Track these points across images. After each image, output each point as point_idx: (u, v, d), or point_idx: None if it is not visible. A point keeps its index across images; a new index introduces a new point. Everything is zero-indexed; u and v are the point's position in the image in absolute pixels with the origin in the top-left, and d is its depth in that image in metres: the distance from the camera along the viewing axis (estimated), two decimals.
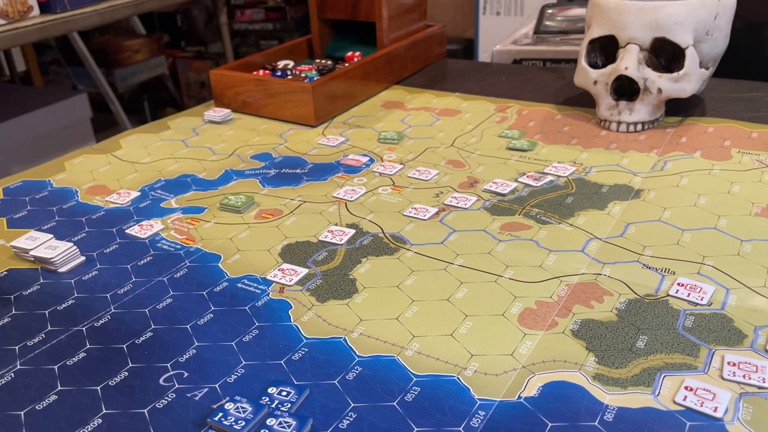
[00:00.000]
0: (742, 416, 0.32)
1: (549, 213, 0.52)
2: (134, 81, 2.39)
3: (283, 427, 0.33)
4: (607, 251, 0.47)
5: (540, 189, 0.56)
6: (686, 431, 0.32)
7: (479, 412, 0.34)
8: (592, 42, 0.67)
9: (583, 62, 0.68)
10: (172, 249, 0.50)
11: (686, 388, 0.34)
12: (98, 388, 0.37)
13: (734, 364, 0.35)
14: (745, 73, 0.79)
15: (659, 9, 0.62)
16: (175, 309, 0.43)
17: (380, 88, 0.80)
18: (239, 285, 0.45)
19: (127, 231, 0.52)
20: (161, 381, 0.37)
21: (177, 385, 0.36)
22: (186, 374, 0.37)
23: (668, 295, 0.41)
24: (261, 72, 0.78)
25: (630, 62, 0.63)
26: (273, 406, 0.34)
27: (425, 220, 0.52)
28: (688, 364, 0.36)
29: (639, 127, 0.65)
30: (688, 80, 0.63)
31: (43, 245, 0.49)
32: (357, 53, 0.81)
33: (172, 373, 0.37)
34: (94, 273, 0.47)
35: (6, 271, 0.48)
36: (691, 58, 0.62)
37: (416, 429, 0.33)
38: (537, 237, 0.49)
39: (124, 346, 0.40)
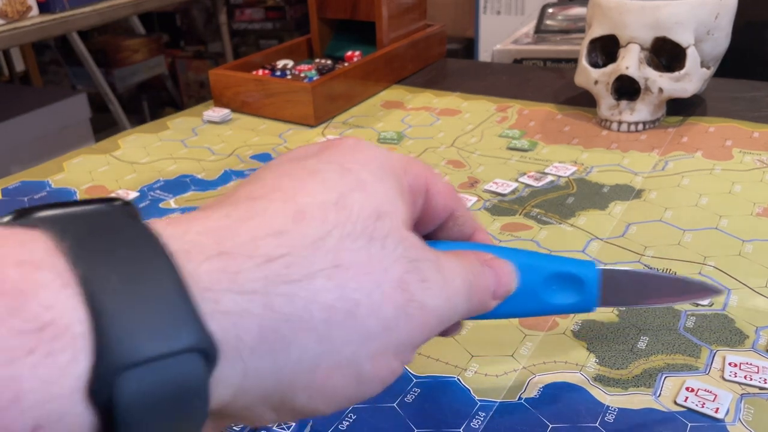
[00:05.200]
0: (744, 417, 0.32)
1: (550, 213, 0.52)
2: (133, 81, 2.39)
3: (283, 429, 0.33)
4: (608, 251, 0.46)
5: (541, 189, 0.56)
6: None
7: (479, 413, 0.33)
8: (593, 41, 0.67)
9: (583, 62, 0.68)
10: None
11: (687, 389, 0.34)
12: None
13: (735, 365, 0.35)
14: (746, 73, 0.79)
15: (660, 8, 0.62)
16: None
17: (380, 87, 0.80)
18: None
19: None
20: None
21: None
22: None
23: None
24: (260, 72, 0.78)
25: (631, 62, 0.63)
26: None
27: None
28: (689, 364, 0.36)
29: (640, 126, 0.65)
30: (689, 80, 0.63)
31: None
32: (357, 53, 0.81)
33: None
34: None
35: None
36: (692, 57, 0.62)
37: (416, 430, 0.33)
38: (537, 237, 0.49)
39: None
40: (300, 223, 0.22)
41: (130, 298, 0.18)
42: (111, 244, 0.19)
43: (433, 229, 0.30)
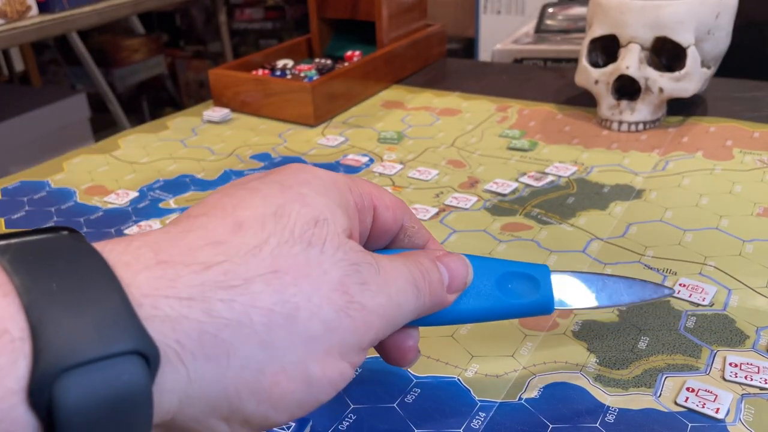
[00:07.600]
0: (744, 417, 0.32)
1: (550, 213, 0.52)
2: (133, 81, 2.39)
3: (283, 429, 0.33)
4: (608, 252, 0.46)
5: (541, 189, 0.56)
6: None
7: (480, 413, 0.33)
8: (593, 41, 0.67)
9: (584, 61, 0.68)
10: None
11: (688, 389, 0.34)
12: None
13: (736, 365, 0.35)
14: (747, 73, 0.79)
15: (660, 8, 0.61)
16: None
17: (380, 87, 0.80)
18: None
19: (126, 231, 0.52)
20: None
21: None
22: None
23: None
24: (260, 71, 0.78)
25: (631, 61, 0.63)
26: None
27: (425, 220, 0.52)
28: (689, 365, 0.36)
29: (640, 126, 0.65)
30: (690, 80, 0.63)
31: None
32: (357, 52, 0.81)
33: None
34: None
35: None
36: (692, 57, 0.62)
37: (416, 430, 0.33)
38: (538, 237, 0.49)
39: None
40: (238, 233, 0.22)
41: (68, 305, 0.18)
42: (51, 259, 0.19)
43: (387, 243, 0.31)
